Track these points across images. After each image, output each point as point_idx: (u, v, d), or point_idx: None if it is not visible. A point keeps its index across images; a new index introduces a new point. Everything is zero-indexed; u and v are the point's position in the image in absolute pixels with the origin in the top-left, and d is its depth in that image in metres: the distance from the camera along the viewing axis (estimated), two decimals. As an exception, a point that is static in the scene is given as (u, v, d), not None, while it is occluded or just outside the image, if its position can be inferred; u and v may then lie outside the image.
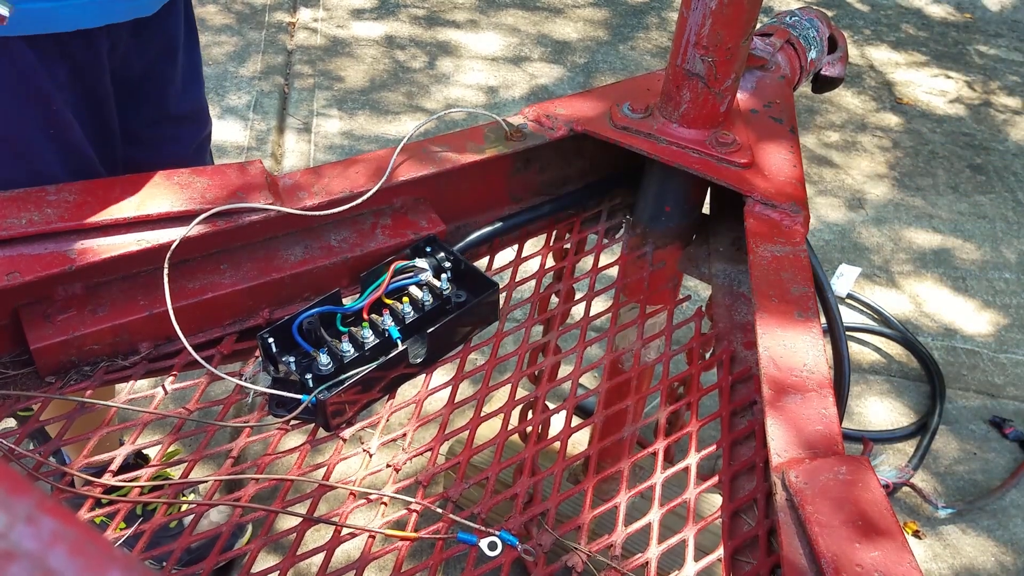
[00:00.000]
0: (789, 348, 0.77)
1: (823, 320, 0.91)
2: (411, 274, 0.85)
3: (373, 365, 0.78)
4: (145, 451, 1.43)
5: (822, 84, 1.22)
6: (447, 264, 0.87)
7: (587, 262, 0.99)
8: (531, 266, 1.00)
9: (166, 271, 0.79)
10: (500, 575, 0.69)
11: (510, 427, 0.81)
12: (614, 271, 1.03)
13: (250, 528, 1.43)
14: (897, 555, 0.58)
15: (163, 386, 0.78)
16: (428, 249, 0.88)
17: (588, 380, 1.72)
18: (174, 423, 0.77)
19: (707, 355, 0.91)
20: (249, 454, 1.50)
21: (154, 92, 1.04)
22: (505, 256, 0.99)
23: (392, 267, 0.84)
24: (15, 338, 0.77)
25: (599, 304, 0.96)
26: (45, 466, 0.73)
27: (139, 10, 0.91)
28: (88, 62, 0.91)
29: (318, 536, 1.32)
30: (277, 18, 2.95)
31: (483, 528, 0.71)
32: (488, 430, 1.05)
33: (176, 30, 1.03)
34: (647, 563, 0.70)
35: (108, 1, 0.86)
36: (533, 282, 0.97)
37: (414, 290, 0.84)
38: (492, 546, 0.70)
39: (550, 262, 0.99)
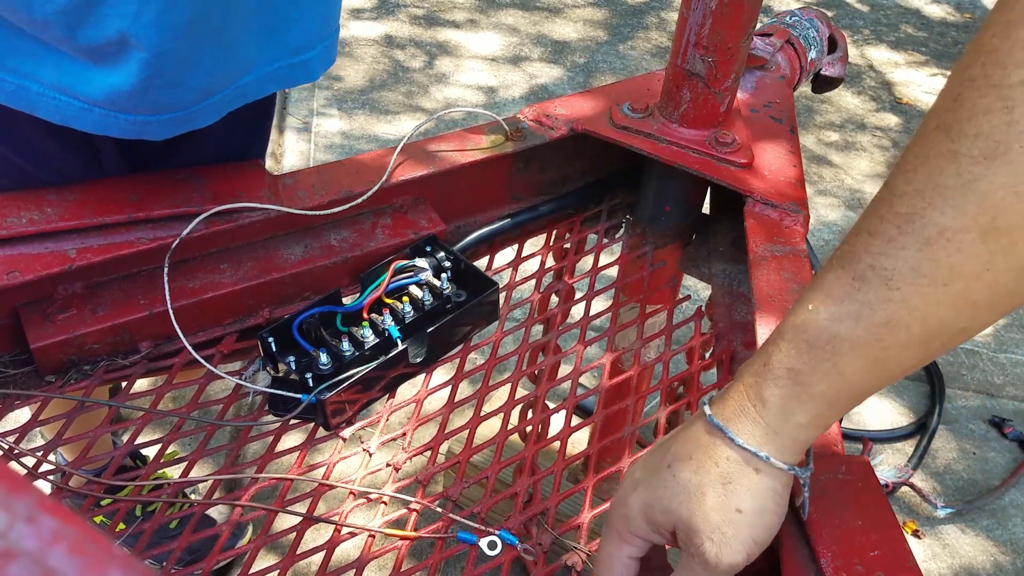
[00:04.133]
0: (789, 348, 0.77)
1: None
2: (411, 274, 0.85)
3: (373, 364, 0.78)
4: (142, 452, 1.43)
5: (822, 84, 1.22)
6: (447, 264, 0.87)
7: (587, 262, 0.99)
8: (531, 266, 1.00)
9: (166, 270, 0.79)
10: (500, 574, 0.69)
11: (510, 427, 0.81)
12: (614, 271, 1.03)
13: (250, 527, 1.44)
14: (897, 555, 0.58)
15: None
16: (428, 249, 0.88)
17: (588, 380, 1.72)
18: (174, 422, 0.77)
19: (707, 355, 0.91)
20: (248, 453, 1.50)
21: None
22: (505, 256, 0.99)
23: (392, 267, 0.84)
24: (15, 337, 0.77)
25: (599, 304, 0.96)
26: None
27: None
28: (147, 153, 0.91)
29: (318, 535, 1.32)
30: (277, 17, 2.95)
31: (483, 527, 0.71)
32: (488, 430, 1.05)
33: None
34: (647, 563, 0.70)
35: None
36: (533, 282, 0.97)
37: (414, 290, 0.84)
38: (492, 545, 0.70)
39: (550, 262, 0.99)
